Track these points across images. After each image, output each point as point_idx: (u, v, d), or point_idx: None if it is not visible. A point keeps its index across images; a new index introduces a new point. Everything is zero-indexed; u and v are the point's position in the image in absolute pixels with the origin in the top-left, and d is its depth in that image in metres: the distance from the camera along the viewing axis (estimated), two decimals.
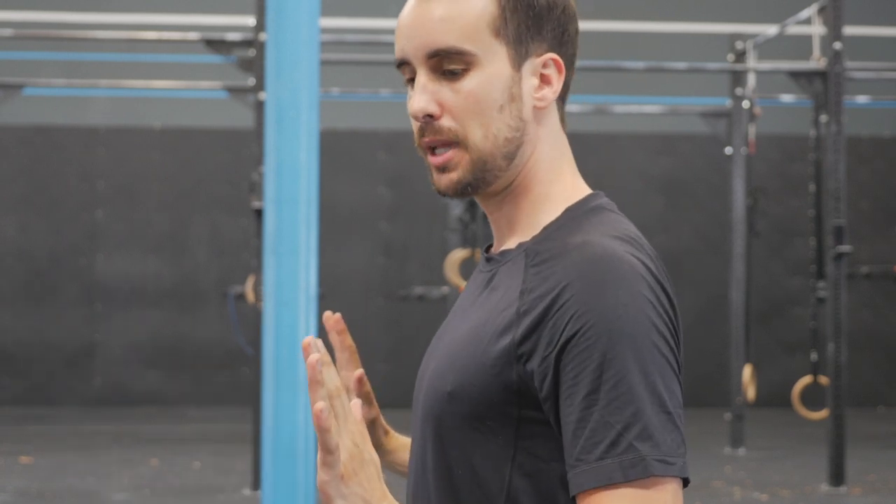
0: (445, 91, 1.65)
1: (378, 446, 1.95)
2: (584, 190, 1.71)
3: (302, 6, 4.43)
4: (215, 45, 9.21)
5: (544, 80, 1.68)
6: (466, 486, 1.60)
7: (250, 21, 9.48)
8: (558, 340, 1.55)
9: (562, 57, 1.69)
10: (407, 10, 1.68)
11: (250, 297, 9.22)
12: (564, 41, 1.69)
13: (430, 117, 1.66)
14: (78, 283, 14.07)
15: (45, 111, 13.98)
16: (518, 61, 1.66)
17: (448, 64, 1.65)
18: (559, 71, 1.68)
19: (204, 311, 14.10)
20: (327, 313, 1.91)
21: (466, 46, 1.64)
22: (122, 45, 13.57)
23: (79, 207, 14.13)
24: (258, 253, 8.47)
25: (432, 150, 1.67)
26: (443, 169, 1.67)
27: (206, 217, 14.20)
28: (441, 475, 1.63)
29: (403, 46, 1.67)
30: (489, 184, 1.67)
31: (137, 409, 13.66)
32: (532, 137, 1.68)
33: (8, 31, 10.02)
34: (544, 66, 1.68)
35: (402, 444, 1.98)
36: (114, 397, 13.95)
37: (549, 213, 1.68)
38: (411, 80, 1.68)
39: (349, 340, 1.93)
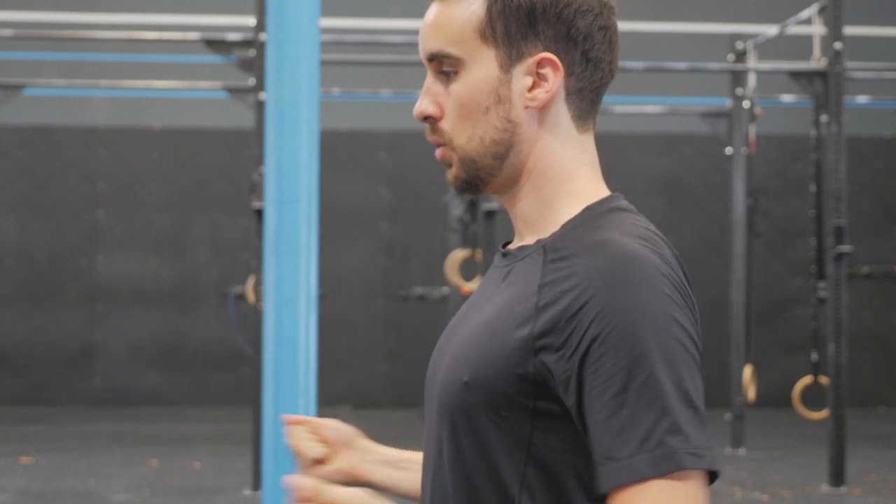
0: (444, 93, 1.70)
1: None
2: (603, 191, 1.74)
3: (302, 6, 4.42)
4: (215, 45, 9.21)
5: (539, 79, 1.68)
6: (481, 476, 1.62)
7: (250, 21, 9.47)
8: (581, 341, 1.57)
9: (565, 55, 1.68)
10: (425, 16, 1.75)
11: (251, 297, 9.22)
12: (571, 37, 1.68)
13: (431, 118, 1.71)
14: (78, 284, 14.07)
15: (45, 111, 13.98)
16: (508, 63, 1.68)
17: (444, 67, 1.70)
18: (555, 69, 1.68)
19: (204, 311, 14.10)
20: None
21: (451, 50, 1.69)
22: (123, 46, 13.57)
23: (79, 208, 14.13)
24: (258, 253, 8.47)
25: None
26: (446, 165, 1.72)
27: (206, 217, 14.20)
28: (457, 466, 1.65)
29: (419, 49, 1.74)
30: (486, 182, 1.71)
31: (138, 410, 13.66)
32: (528, 137, 1.69)
33: (8, 32, 10.02)
34: (538, 65, 1.68)
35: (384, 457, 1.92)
36: (114, 398, 13.95)
37: (567, 211, 1.70)
38: None
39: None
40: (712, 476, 1.57)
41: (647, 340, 1.54)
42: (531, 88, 1.68)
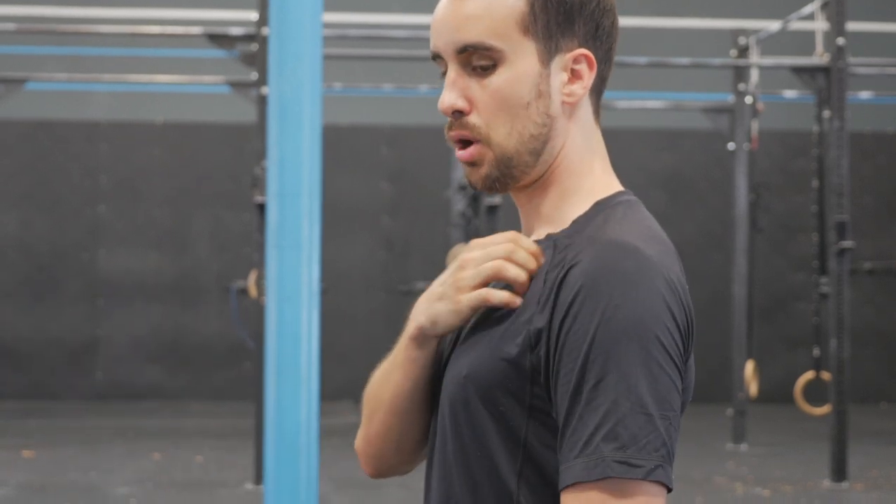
0: (475, 87, 1.68)
1: None
2: (614, 186, 1.74)
3: (305, 1, 4.42)
4: (218, 39, 9.21)
5: (574, 75, 1.69)
6: (482, 470, 1.63)
7: (253, 15, 9.47)
8: (558, 336, 1.57)
9: (594, 51, 1.70)
10: (440, 5, 1.70)
11: (252, 291, 9.23)
12: (598, 35, 1.70)
13: (459, 113, 1.68)
14: (80, 278, 14.08)
15: (47, 106, 13.98)
16: (547, 57, 1.68)
17: (477, 60, 1.67)
18: (590, 66, 1.69)
19: (206, 305, 14.10)
20: None
21: (494, 42, 1.66)
22: (125, 40, 13.57)
23: (81, 202, 14.14)
24: (260, 247, 8.47)
25: (461, 145, 1.70)
26: (472, 164, 1.69)
27: (208, 212, 14.20)
28: (461, 459, 1.65)
29: (436, 41, 1.70)
30: (517, 179, 1.69)
31: (140, 404, 13.67)
32: (561, 131, 1.70)
33: (10, 26, 10.02)
34: (575, 61, 1.69)
35: None
36: (116, 392, 13.96)
37: (579, 206, 1.69)
38: (445, 74, 1.71)
39: None
40: (670, 487, 1.54)
41: (608, 341, 1.53)
42: (567, 84, 1.69)
